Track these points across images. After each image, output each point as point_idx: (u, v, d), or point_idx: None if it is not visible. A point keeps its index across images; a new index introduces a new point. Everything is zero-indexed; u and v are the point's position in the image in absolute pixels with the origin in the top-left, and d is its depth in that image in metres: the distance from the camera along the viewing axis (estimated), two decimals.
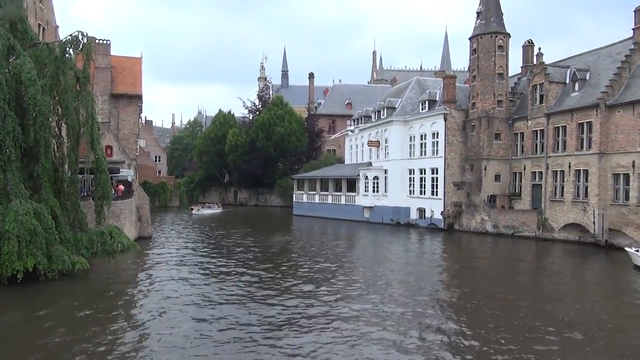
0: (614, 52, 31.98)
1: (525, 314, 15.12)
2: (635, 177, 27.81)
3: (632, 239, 27.34)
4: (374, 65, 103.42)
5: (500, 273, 23.37)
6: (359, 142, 52.62)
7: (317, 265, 23.00)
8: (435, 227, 39.36)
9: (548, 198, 33.28)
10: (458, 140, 39.36)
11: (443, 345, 12.33)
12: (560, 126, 32.71)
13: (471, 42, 38.60)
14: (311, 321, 13.99)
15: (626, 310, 16.30)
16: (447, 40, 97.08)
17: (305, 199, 53.31)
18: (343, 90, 73.84)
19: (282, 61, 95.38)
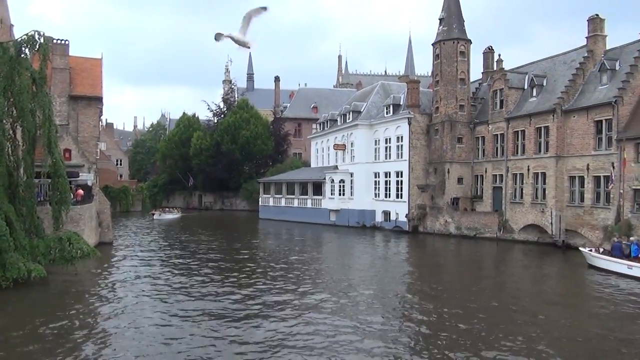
0: (569, 60, 33.26)
1: (486, 313, 15.48)
2: (589, 180, 28.97)
3: (587, 239, 28.44)
4: (339, 70, 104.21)
5: (463, 274, 23.90)
6: (325, 145, 52.85)
7: (283, 268, 22.90)
8: (400, 229, 39.88)
9: (508, 200, 34.25)
10: (422, 144, 40.05)
11: (406, 347, 12.49)
12: (519, 130, 33.75)
13: (434, 48, 39.40)
14: (276, 324, 13.93)
15: (580, 307, 16.97)
16: (410, 46, 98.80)
17: (271, 202, 53.09)
18: (309, 93, 74.04)
19: (248, 64, 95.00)
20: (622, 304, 17.06)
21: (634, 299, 17.70)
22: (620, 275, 21.18)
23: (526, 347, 12.35)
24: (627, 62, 28.73)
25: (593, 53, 31.33)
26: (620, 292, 18.74)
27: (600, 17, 31.60)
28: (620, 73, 28.75)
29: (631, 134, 26.58)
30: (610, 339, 13.14)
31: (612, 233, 25.93)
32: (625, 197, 26.71)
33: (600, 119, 28.59)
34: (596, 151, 28.65)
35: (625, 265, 21.36)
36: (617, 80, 28.46)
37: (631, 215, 26.35)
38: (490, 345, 12.42)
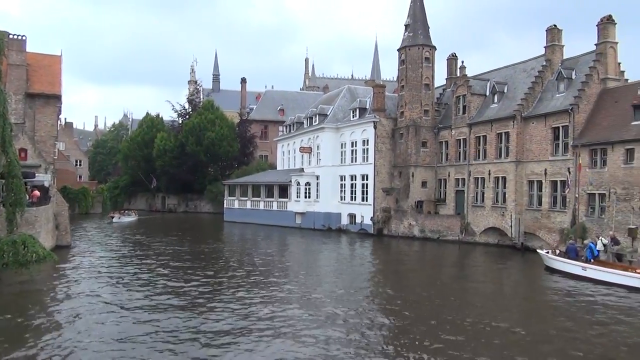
0: (528, 68, 34.37)
1: (446, 314, 15.77)
2: (547, 184, 29.98)
3: (544, 242, 29.40)
4: (306, 72, 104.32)
5: (426, 275, 24.27)
6: (291, 148, 52.77)
7: (248, 271, 22.70)
8: (366, 232, 40.20)
9: (470, 203, 35.05)
10: (387, 148, 40.52)
11: (369, 347, 12.57)
12: (481, 135, 34.61)
13: (400, 53, 39.99)
14: (240, 328, 13.78)
15: (537, 306, 17.51)
16: (377, 51, 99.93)
17: (236, 205, 52.58)
18: (275, 96, 73.80)
19: (214, 65, 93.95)
20: (575, 304, 17.71)
21: (587, 299, 18.39)
22: (575, 276, 21.95)
23: (483, 343, 12.65)
24: (582, 71, 29.91)
25: (551, 62, 32.47)
26: (574, 293, 19.43)
27: (557, 28, 32.81)
28: (576, 82, 29.90)
29: (586, 140, 27.67)
30: (563, 338, 13.59)
31: (568, 236, 26.89)
32: (580, 201, 27.77)
33: (557, 126, 29.64)
34: (553, 157, 29.68)
35: (580, 267, 22.17)
36: (573, 89, 29.59)
37: (585, 218, 27.41)
38: (448, 344, 12.64)
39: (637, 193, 24.60)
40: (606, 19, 29.19)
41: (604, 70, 29.25)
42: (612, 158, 26.14)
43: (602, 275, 21.02)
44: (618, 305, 17.38)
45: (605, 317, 15.79)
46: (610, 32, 29.23)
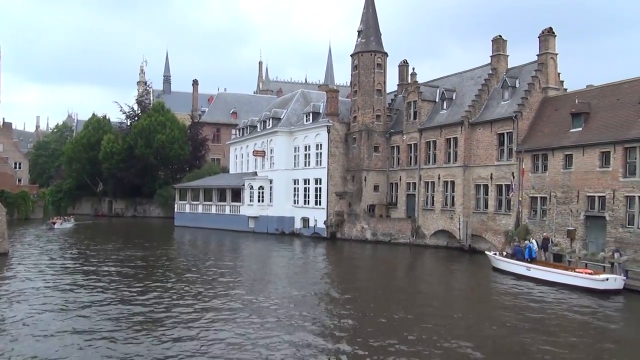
0: (475, 76, 35.63)
1: (397, 313, 16.05)
2: (493, 188, 31.13)
3: (491, 243, 30.48)
4: (260, 76, 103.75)
5: (378, 278, 24.60)
6: (244, 151, 52.28)
7: (198, 277, 22.24)
8: (319, 236, 40.32)
9: (421, 207, 35.87)
10: (340, 152, 40.87)
11: (321, 348, 12.59)
12: (431, 141, 35.54)
13: (353, 59, 40.48)
14: (187, 332, 13.46)
15: (484, 305, 18.13)
16: (330, 56, 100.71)
17: (187, 209, 51.46)
18: (228, 98, 72.91)
19: (164, 66, 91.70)
20: (520, 303, 18.45)
21: (530, 297, 19.21)
22: (520, 276, 22.89)
23: (433, 341, 12.95)
24: (525, 80, 31.31)
25: (496, 71, 33.80)
26: (519, 292, 20.26)
27: (502, 38, 34.22)
28: (519, 90, 31.25)
29: (529, 146, 28.96)
30: (509, 335, 14.12)
31: (513, 237, 28.01)
32: (523, 204, 29.00)
33: (502, 132, 30.86)
34: (499, 161, 30.86)
35: (525, 267, 23.14)
36: (517, 97, 30.91)
37: (528, 221, 28.65)
38: (400, 341, 12.85)
39: (575, 196, 25.97)
40: (547, 31, 30.70)
41: (545, 79, 30.73)
42: (553, 163, 27.47)
43: (545, 275, 22.03)
44: (556, 301, 18.25)
45: (544, 314, 16.52)
46: (550, 44, 30.75)
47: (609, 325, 15.71)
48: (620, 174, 23.87)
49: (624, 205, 23.63)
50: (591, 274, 20.56)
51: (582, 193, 25.61)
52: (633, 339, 14.61)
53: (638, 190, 23.05)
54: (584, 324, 15.62)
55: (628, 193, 23.46)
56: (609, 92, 26.89)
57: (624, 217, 23.63)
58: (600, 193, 24.74)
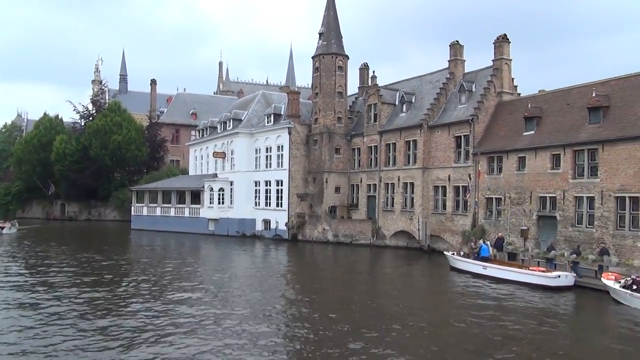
0: (434, 80, 36.42)
1: (357, 314, 16.18)
2: (451, 189, 31.88)
3: (449, 244, 31.20)
4: (220, 76, 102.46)
5: (338, 278, 24.75)
6: (204, 153, 51.51)
7: (155, 281, 21.71)
8: (280, 237, 40.18)
9: (381, 208, 36.33)
10: (302, 154, 40.89)
11: (281, 348, 12.54)
12: (391, 143, 36.07)
13: (314, 61, 40.60)
14: (146, 335, 13.11)
15: (442, 304, 18.54)
16: (292, 57, 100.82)
17: (145, 211, 50.19)
18: (188, 99, 71.62)
19: (121, 64, 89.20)
20: (476, 300, 18.97)
21: (486, 295, 19.78)
22: (477, 275, 23.54)
23: (391, 341, 13.12)
24: (481, 84, 32.24)
25: (454, 75, 34.65)
26: (475, 290, 20.82)
27: (459, 43, 35.12)
28: (476, 94, 32.15)
29: (484, 148, 29.83)
30: (467, 332, 14.49)
31: (470, 237, 28.76)
32: (479, 205, 29.85)
33: (459, 135, 31.66)
34: (456, 163, 31.64)
35: (481, 266, 23.81)
36: (474, 101, 31.80)
37: (484, 221, 29.50)
38: (359, 341, 12.95)
39: (528, 197, 26.93)
40: (501, 37, 31.73)
41: (499, 84, 31.75)
42: (507, 165, 28.40)
43: (500, 273, 22.75)
44: (511, 298, 18.86)
45: (499, 311, 17.04)
46: (505, 50, 31.80)
47: (560, 320, 16.36)
48: (570, 175, 24.93)
49: (573, 205, 24.68)
50: (544, 272, 21.38)
51: (535, 194, 26.58)
52: (581, 332, 15.26)
53: (586, 191, 24.13)
54: (537, 320, 16.18)
55: (577, 194, 24.53)
56: (559, 97, 28.04)
57: (573, 217, 24.68)
58: (552, 194, 25.75)
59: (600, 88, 25.42)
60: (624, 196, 22.57)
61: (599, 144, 23.62)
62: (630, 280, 18.33)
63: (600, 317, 17.61)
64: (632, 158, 22.25)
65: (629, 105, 23.69)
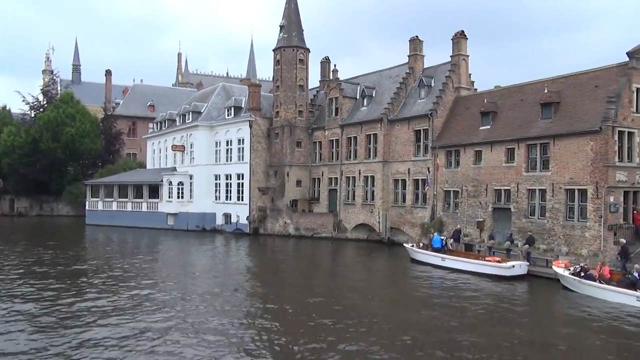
0: (394, 74, 36.86)
1: (319, 306, 16.29)
2: (410, 183, 32.44)
3: (409, 236, 31.78)
4: (179, 68, 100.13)
5: (300, 272, 24.82)
6: (163, 146, 50.37)
7: (112, 278, 21.14)
8: (241, 232, 39.86)
9: (342, 202, 36.61)
10: (263, 147, 40.62)
11: (243, 347, 12.49)
12: (352, 137, 36.33)
13: (275, 54, 40.31)
14: (106, 331, 12.77)
15: (402, 296, 18.90)
16: (252, 50, 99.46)
17: (100, 206, 48.67)
18: (145, 90, 69.72)
19: (74, 54, 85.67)
20: (434, 291, 19.44)
21: (445, 285, 20.32)
22: (436, 266, 24.11)
23: (353, 331, 13.29)
24: (440, 80, 32.88)
25: (413, 70, 35.18)
26: (434, 281, 21.35)
27: (419, 39, 35.65)
28: (434, 89, 32.77)
29: (443, 142, 30.49)
30: (427, 322, 14.84)
31: (428, 229, 29.39)
32: (438, 198, 30.53)
33: (419, 129, 32.22)
34: (415, 157, 32.21)
35: (439, 257, 24.39)
36: (432, 96, 32.40)
37: (443, 213, 30.20)
38: (320, 334, 13.06)
39: (484, 190, 27.75)
40: (459, 34, 32.42)
41: (457, 79, 32.47)
42: (464, 159, 29.14)
43: (458, 264, 23.39)
44: (468, 288, 19.45)
45: (457, 301, 17.55)
46: (462, 46, 32.53)
47: (514, 307, 17.00)
48: (523, 168, 25.84)
49: (526, 197, 25.61)
50: (499, 262, 22.12)
51: (490, 187, 27.41)
52: (534, 318, 15.91)
53: (538, 183, 25.08)
54: (492, 308, 16.76)
55: (530, 186, 25.47)
56: (514, 92, 28.96)
57: (526, 209, 25.62)
58: (506, 186, 26.62)
59: (551, 85, 26.41)
60: (573, 188, 23.60)
61: (550, 139, 24.57)
62: (578, 268, 19.24)
63: (551, 303, 18.40)
64: (580, 152, 23.27)
65: (577, 102, 24.74)
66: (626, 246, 20.38)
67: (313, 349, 12.27)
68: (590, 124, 23.04)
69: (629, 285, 17.13)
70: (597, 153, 22.62)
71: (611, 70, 24.35)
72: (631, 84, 23.10)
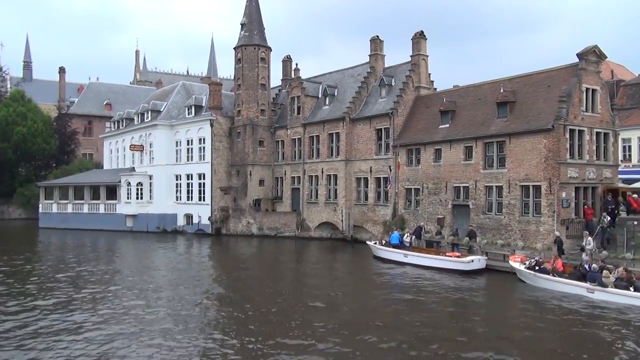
0: (355, 73, 37.15)
1: (283, 305, 16.26)
2: (372, 181, 32.80)
3: (371, 233, 32.13)
4: (137, 66, 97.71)
5: (263, 271, 24.68)
6: (120, 145, 49.02)
7: (67, 280, 20.41)
8: (203, 232, 39.28)
9: (305, 200, 36.63)
10: (224, 146, 40.15)
11: (207, 351, 12.32)
12: (314, 135, 36.40)
13: (236, 52, 39.90)
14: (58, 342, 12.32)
15: (366, 292, 19.09)
16: (213, 47, 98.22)
17: (55, 209, 46.92)
18: (101, 89, 67.60)
19: (25, 50, 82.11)
20: (398, 287, 19.73)
21: (407, 281, 20.66)
22: (399, 263, 24.47)
23: (321, 329, 13.33)
24: (400, 79, 33.37)
25: (374, 69, 35.56)
26: (397, 278, 21.66)
27: (380, 38, 36.07)
28: (395, 88, 33.23)
29: (403, 141, 30.96)
30: (390, 317, 15.04)
31: (390, 227, 29.79)
32: (399, 196, 30.99)
33: (380, 128, 32.60)
34: (377, 156, 32.58)
35: (402, 254, 24.77)
36: (393, 95, 32.84)
37: (404, 211, 30.68)
38: (285, 333, 13.03)
39: (444, 187, 28.35)
40: (419, 34, 32.99)
41: (417, 79, 33.03)
42: (425, 157, 29.68)
43: (420, 260, 23.82)
44: (430, 283, 19.83)
45: (419, 295, 17.87)
46: (422, 46, 33.11)
47: (473, 300, 17.48)
48: (481, 166, 26.56)
49: (484, 194, 26.34)
50: (459, 257, 22.67)
51: (450, 184, 28.04)
52: (492, 310, 16.39)
53: (495, 180, 25.83)
54: (452, 301, 17.16)
55: (487, 183, 26.20)
56: (472, 92, 29.71)
57: (484, 205, 26.34)
58: (465, 184, 27.30)
59: (507, 84, 27.25)
60: (528, 185, 24.44)
61: (507, 137, 25.34)
62: (533, 262, 19.95)
63: (507, 296, 18.98)
64: (535, 150, 24.12)
65: (532, 101, 25.62)
66: (560, 239, 21.54)
67: (275, 352, 12.22)
68: (544, 122, 23.91)
69: (580, 277, 17.89)
70: (550, 150, 23.50)
71: (563, 70, 25.35)
72: (581, 84, 24.11)
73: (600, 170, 24.83)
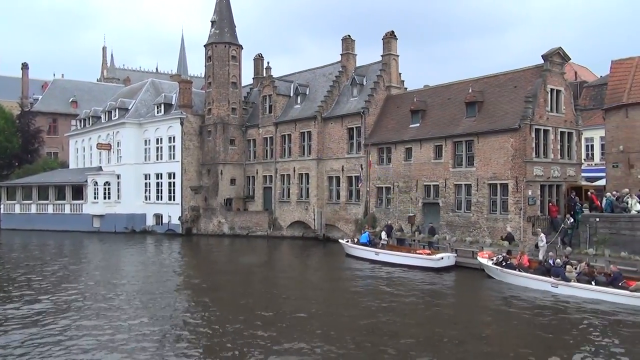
0: (327, 72, 37.22)
1: (256, 305, 16.16)
2: (344, 180, 32.94)
3: (343, 232, 32.27)
4: (104, 62, 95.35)
5: (235, 271, 24.46)
6: (87, 144, 47.83)
7: (32, 283, 19.81)
8: (174, 232, 38.72)
9: (277, 199, 36.52)
10: (195, 145, 39.65)
11: (171, 348, 12.16)
12: (286, 134, 36.31)
13: (207, 50, 39.44)
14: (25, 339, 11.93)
15: (338, 289, 19.16)
16: (183, 45, 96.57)
17: (17, 209, 45.46)
18: (67, 86, 65.71)
19: None
20: (370, 284, 19.88)
21: (379, 278, 20.83)
22: (371, 261, 24.66)
23: (292, 327, 13.31)
24: (371, 78, 33.60)
25: (346, 68, 35.71)
26: (369, 275, 21.82)
27: (351, 38, 36.23)
28: (366, 88, 33.45)
29: (375, 140, 31.20)
30: (362, 314, 15.14)
31: (362, 225, 29.98)
32: (371, 194, 31.21)
33: (352, 127, 32.77)
34: (349, 154, 32.74)
35: (374, 252, 24.96)
36: (365, 94, 33.05)
37: (375, 209, 30.92)
38: (255, 334, 12.97)
39: (415, 185, 28.71)
40: (389, 34, 33.28)
41: (388, 78, 33.33)
42: (395, 156, 29.99)
43: (391, 258, 24.05)
44: (401, 280, 20.06)
45: (391, 292, 18.06)
46: (393, 46, 33.42)
47: (443, 296, 17.77)
48: (450, 165, 27.00)
49: (453, 192, 26.80)
50: (429, 254, 22.99)
51: (420, 182, 28.42)
52: (461, 305, 16.69)
53: (464, 179, 26.31)
54: (423, 297, 17.40)
55: (456, 181, 26.66)
56: (441, 91, 30.16)
57: (453, 203, 26.80)
58: (435, 182, 27.71)
59: (475, 85, 27.78)
60: (495, 183, 24.98)
61: (475, 136, 25.84)
62: (500, 258, 20.41)
63: (476, 291, 19.36)
64: (502, 149, 24.67)
65: (499, 101, 26.19)
66: (511, 234, 22.54)
67: (249, 351, 12.14)
68: (510, 122, 24.48)
69: (545, 272, 18.39)
70: (517, 149, 24.08)
71: (528, 72, 25.99)
72: (546, 85, 24.78)
73: (564, 169, 25.59)
